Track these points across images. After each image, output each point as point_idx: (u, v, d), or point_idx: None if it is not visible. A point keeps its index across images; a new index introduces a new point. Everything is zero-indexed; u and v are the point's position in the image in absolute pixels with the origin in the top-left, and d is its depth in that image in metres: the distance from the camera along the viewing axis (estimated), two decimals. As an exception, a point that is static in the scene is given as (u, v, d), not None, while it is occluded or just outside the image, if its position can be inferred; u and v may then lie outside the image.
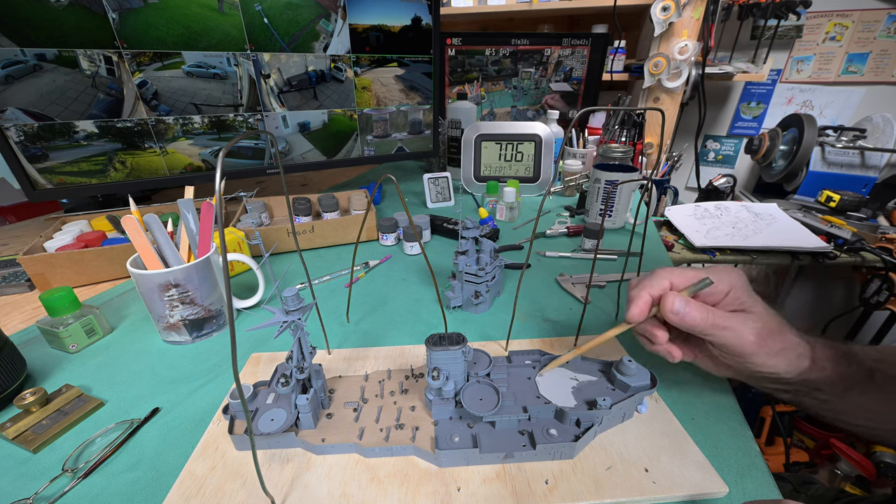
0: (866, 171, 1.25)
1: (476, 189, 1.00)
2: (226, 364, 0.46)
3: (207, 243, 0.50)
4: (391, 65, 0.85)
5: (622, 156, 0.85)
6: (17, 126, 0.60)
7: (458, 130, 1.04)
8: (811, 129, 1.23)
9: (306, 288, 0.60)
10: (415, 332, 0.51)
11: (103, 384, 0.43)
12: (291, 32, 0.73)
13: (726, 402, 0.40)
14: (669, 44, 1.28)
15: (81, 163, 0.66)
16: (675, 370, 0.44)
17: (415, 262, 0.69)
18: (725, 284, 0.33)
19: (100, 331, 0.50)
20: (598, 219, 0.80)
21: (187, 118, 0.71)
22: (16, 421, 0.37)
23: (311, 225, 0.71)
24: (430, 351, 0.34)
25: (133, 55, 0.64)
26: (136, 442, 0.36)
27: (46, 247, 0.62)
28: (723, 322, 0.31)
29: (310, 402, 0.34)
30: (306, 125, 0.82)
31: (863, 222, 1.09)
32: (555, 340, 0.48)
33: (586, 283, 0.59)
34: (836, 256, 0.93)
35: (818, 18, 1.47)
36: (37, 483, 0.33)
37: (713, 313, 0.32)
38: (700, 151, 1.63)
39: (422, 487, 0.31)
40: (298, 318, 0.33)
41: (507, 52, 1.25)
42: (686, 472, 0.32)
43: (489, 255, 0.53)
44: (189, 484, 0.31)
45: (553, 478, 0.32)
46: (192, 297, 0.47)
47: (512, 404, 0.35)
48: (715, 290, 0.33)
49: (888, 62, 1.47)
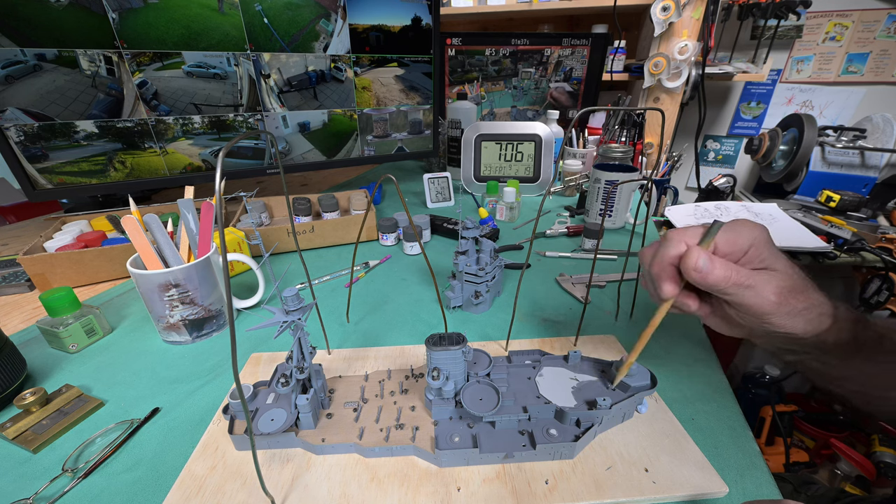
0: (866, 171, 1.25)
1: (476, 189, 1.00)
2: (226, 364, 0.46)
3: (207, 243, 0.50)
4: (391, 65, 0.85)
5: (622, 156, 0.85)
6: (17, 126, 0.60)
7: (458, 130, 1.04)
8: (811, 129, 1.23)
9: (306, 288, 0.60)
10: (415, 332, 0.51)
11: (103, 384, 0.43)
12: (291, 32, 0.73)
13: (726, 402, 0.40)
14: (669, 44, 1.28)
15: (81, 163, 0.66)
16: (675, 370, 0.44)
17: (415, 262, 0.69)
18: (746, 240, 0.30)
19: (100, 331, 0.50)
20: (598, 219, 0.80)
21: (187, 118, 0.71)
22: (16, 421, 0.37)
23: (311, 225, 0.71)
24: (430, 351, 0.34)
25: (133, 55, 0.64)
26: (136, 442, 0.36)
27: (46, 247, 0.62)
28: (746, 280, 0.29)
29: (310, 402, 0.34)
30: (306, 125, 0.82)
31: (863, 222, 1.09)
32: (555, 340, 0.48)
33: (586, 283, 0.59)
34: (836, 256, 0.93)
35: (818, 18, 1.47)
36: (37, 483, 0.33)
37: (737, 271, 0.29)
38: (700, 151, 1.63)
39: (422, 487, 0.31)
40: (298, 318, 0.33)
41: (507, 52, 1.25)
42: (686, 472, 0.32)
43: (489, 255, 0.53)
44: (189, 484, 0.31)
45: (553, 478, 0.32)
46: (192, 297, 0.47)
47: (512, 404, 0.35)
48: (735, 246, 0.30)
49: (888, 62, 1.47)
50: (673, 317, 0.53)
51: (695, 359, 0.46)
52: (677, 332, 0.50)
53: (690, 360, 0.45)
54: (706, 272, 0.29)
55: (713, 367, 0.44)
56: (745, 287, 0.29)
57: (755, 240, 0.31)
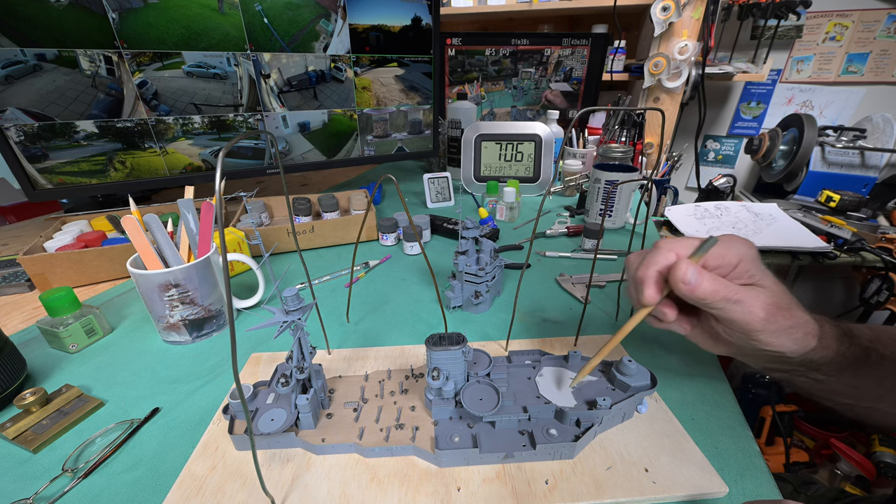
0: (866, 171, 1.25)
1: (476, 189, 1.00)
2: (226, 364, 0.46)
3: (207, 243, 0.50)
4: (391, 65, 0.85)
5: (622, 156, 0.85)
6: (17, 126, 0.60)
7: (458, 130, 1.04)
8: (811, 129, 1.23)
9: (306, 288, 0.60)
10: (415, 332, 0.51)
11: (103, 384, 0.43)
12: (291, 32, 0.73)
13: (726, 403, 0.40)
14: (669, 44, 1.28)
15: (81, 163, 0.66)
16: (675, 370, 0.44)
17: (415, 262, 0.69)
18: (735, 255, 0.30)
19: (100, 331, 0.50)
20: (598, 219, 0.80)
21: (187, 118, 0.71)
22: (16, 421, 0.37)
23: (311, 225, 0.71)
24: (430, 351, 0.34)
25: (133, 55, 0.64)
26: (136, 442, 0.36)
27: (46, 247, 0.62)
28: (734, 295, 0.29)
29: (310, 402, 0.34)
30: (306, 125, 0.82)
31: (863, 222, 1.09)
32: (555, 340, 0.48)
33: (586, 283, 0.59)
34: (836, 256, 0.93)
35: (818, 18, 1.47)
36: (37, 483, 0.33)
37: (725, 286, 0.29)
38: (700, 151, 1.63)
39: (422, 487, 0.31)
40: (298, 318, 0.33)
41: (507, 52, 1.25)
42: (686, 472, 0.32)
43: (489, 255, 0.53)
44: (189, 484, 0.31)
45: (553, 478, 0.32)
46: (192, 297, 0.47)
47: (512, 404, 0.35)
48: (724, 260, 0.30)
49: (888, 62, 1.47)
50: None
51: (695, 359, 0.46)
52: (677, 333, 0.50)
53: (690, 361, 0.45)
54: (695, 285, 0.29)
55: (713, 366, 0.44)
56: (734, 302, 0.29)
57: (744, 255, 0.31)
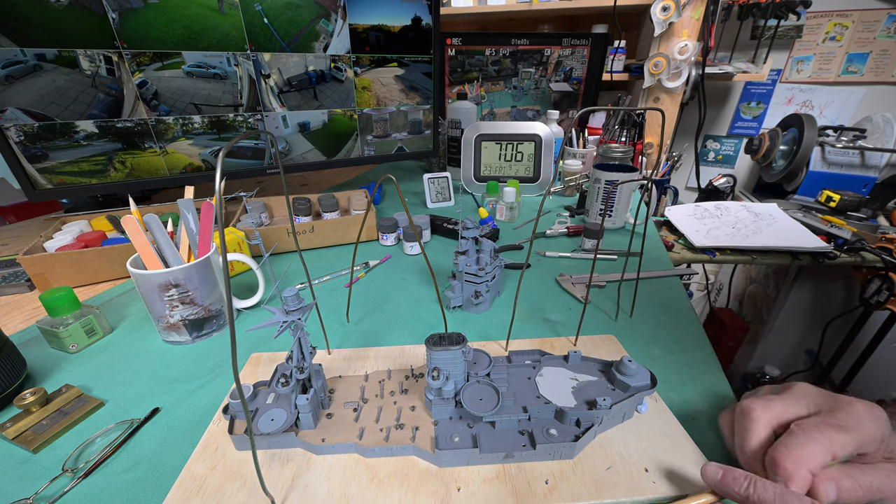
0: (866, 171, 1.25)
1: (476, 189, 1.00)
2: (226, 364, 0.46)
3: (207, 243, 0.50)
4: (391, 65, 0.85)
5: (622, 156, 0.85)
6: (17, 126, 0.60)
7: (458, 130, 1.04)
8: (811, 129, 1.23)
9: (306, 288, 0.60)
10: (415, 332, 0.51)
11: (103, 384, 0.43)
12: (291, 32, 0.73)
13: (726, 402, 0.40)
14: (669, 44, 1.28)
15: (81, 163, 0.66)
16: (675, 370, 0.44)
17: (415, 262, 0.69)
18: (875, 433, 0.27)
19: (100, 331, 0.50)
20: (598, 219, 0.80)
21: (187, 118, 0.71)
22: (16, 421, 0.37)
23: (311, 225, 0.71)
24: (430, 351, 0.34)
25: (133, 55, 0.64)
26: (136, 442, 0.36)
27: (46, 247, 0.62)
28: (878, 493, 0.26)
29: (310, 402, 0.34)
30: (306, 125, 0.82)
31: (863, 222, 1.09)
32: (555, 340, 0.48)
33: (586, 283, 0.59)
34: (836, 256, 0.93)
35: (818, 18, 1.47)
36: (37, 483, 0.33)
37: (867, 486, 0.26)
38: (700, 151, 1.63)
39: (422, 487, 0.31)
40: (298, 318, 0.33)
41: (507, 52, 1.25)
42: (686, 472, 0.32)
43: (489, 255, 0.53)
44: (189, 484, 0.31)
45: (553, 478, 0.32)
46: (192, 297, 0.47)
47: (512, 404, 0.35)
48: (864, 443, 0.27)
49: (888, 62, 1.47)
50: (672, 316, 0.53)
51: (695, 359, 0.46)
52: (677, 333, 0.50)
53: (690, 361, 0.45)
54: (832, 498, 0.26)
55: (713, 367, 0.44)
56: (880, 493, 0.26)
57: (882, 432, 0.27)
